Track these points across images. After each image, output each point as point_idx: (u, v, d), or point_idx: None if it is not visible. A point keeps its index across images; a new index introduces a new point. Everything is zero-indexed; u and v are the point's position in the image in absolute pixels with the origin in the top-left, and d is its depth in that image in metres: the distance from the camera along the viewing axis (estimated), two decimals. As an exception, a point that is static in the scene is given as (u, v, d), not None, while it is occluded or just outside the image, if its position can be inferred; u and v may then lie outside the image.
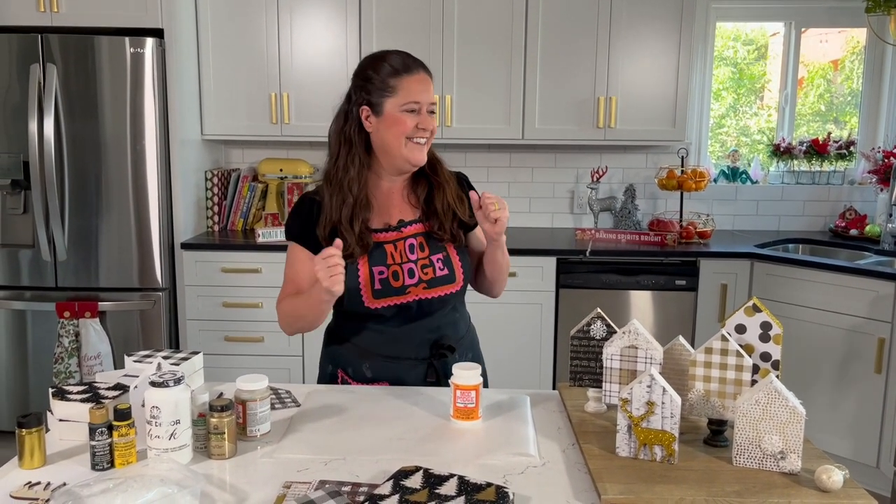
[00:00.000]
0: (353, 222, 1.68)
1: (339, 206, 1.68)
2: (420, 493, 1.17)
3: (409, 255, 1.72)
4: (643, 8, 3.52)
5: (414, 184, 1.79)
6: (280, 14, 3.54)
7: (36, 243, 3.27)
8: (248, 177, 3.89)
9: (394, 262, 1.71)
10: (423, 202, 1.77)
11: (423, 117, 1.69)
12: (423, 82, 1.70)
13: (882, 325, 3.02)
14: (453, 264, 1.75)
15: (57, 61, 3.18)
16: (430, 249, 1.74)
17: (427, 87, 1.70)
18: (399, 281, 1.70)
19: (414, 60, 1.72)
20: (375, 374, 1.75)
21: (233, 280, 3.41)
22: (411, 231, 1.75)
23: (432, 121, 1.71)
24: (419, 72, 1.70)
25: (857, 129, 4.06)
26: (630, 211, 3.89)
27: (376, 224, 1.74)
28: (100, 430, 1.27)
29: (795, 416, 1.25)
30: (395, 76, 1.68)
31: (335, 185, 1.70)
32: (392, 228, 1.74)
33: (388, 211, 1.76)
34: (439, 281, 1.72)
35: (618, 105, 3.59)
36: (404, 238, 1.74)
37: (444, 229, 1.74)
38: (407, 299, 1.70)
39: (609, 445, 1.35)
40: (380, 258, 1.70)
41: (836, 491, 1.20)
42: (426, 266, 1.72)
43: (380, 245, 1.72)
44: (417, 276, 1.71)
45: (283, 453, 1.37)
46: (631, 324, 1.43)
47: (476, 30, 3.54)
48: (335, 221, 1.68)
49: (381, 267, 1.70)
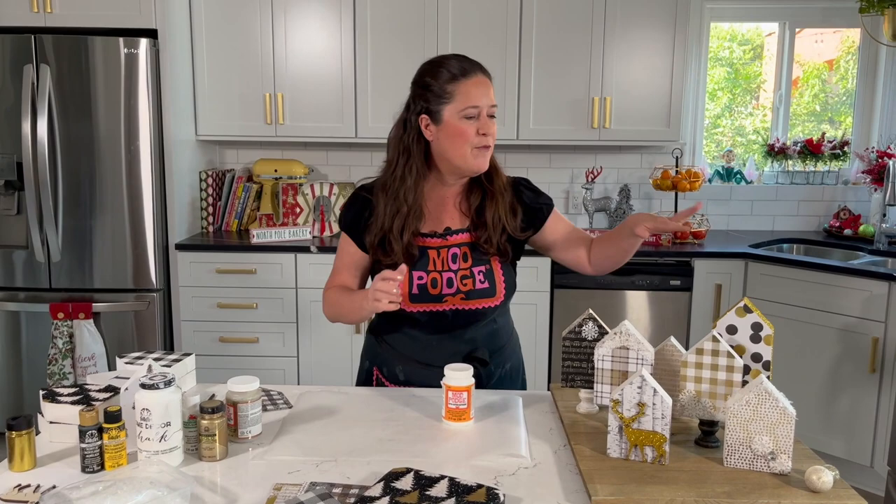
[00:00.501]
0: (403, 233, 1.67)
1: (391, 216, 1.68)
2: (411, 494, 1.17)
3: (451, 265, 1.71)
4: (638, 8, 3.52)
5: (468, 191, 1.77)
6: (274, 14, 3.53)
7: (30, 244, 3.27)
8: (242, 177, 3.89)
9: (434, 269, 1.70)
10: (475, 211, 1.75)
11: (483, 122, 1.66)
12: (480, 85, 1.67)
13: (876, 324, 3.02)
14: (495, 278, 1.72)
15: (51, 62, 3.18)
16: (473, 260, 1.72)
17: (486, 90, 1.67)
18: (437, 288, 1.69)
19: (472, 63, 1.69)
20: (407, 378, 1.76)
21: (227, 281, 3.41)
22: (456, 240, 1.73)
23: (492, 125, 1.68)
24: (477, 74, 1.68)
25: (851, 129, 4.07)
26: (625, 211, 3.89)
27: (424, 229, 1.73)
28: (90, 433, 1.27)
29: (786, 417, 1.25)
30: (452, 82, 1.66)
31: (391, 194, 1.69)
32: (438, 235, 1.73)
33: (438, 217, 1.75)
34: (478, 294, 1.70)
35: (612, 105, 3.59)
36: (448, 246, 1.72)
37: (491, 243, 1.71)
38: (443, 307, 1.70)
39: (600, 446, 1.35)
40: (422, 264, 1.70)
41: (827, 491, 1.20)
42: (466, 277, 1.71)
43: (424, 251, 1.71)
44: (456, 287, 1.70)
45: (274, 455, 1.37)
46: (622, 325, 1.43)
47: (470, 30, 3.54)
48: (386, 230, 1.68)
49: (422, 272, 1.69)
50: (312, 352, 3.46)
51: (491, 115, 1.68)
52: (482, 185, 1.75)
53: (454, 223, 1.75)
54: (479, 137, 1.66)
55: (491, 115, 1.68)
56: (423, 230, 1.72)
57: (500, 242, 1.72)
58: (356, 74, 3.56)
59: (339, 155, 4.00)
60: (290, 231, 3.57)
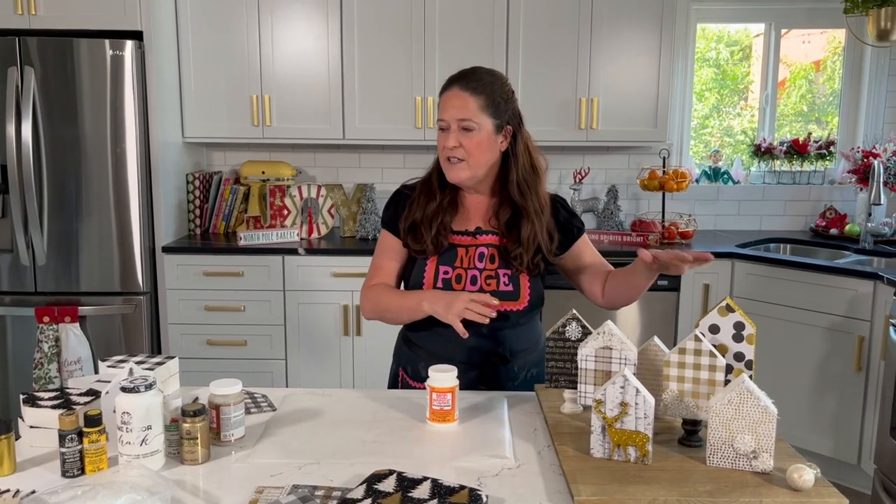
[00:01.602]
0: (432, 222, 1.72)
1: (424, 204, 1.75)
2: (393, 496, 1.17)
3: (478, 263, 1.74)
4: (624, 9, 3.53)
5: (498, 205, 1.78)
6: (261, 15, 3.52)
7: (15, 248, 3.24)
8: (229, 179, 3.87)
9: (460, 266, 1.73)
10: (505, 226, 1.75)
11: (448, 135, 1.68)
12: (451, 98, 1.69)
13: (862, 323, 3.04)
14: (520, 284, 1.74)
15: (35, 64, 3.15)
16: (500, 262, 1.74)
17: (456, 102, 1.68)
18: (460, 285, 1.72)
19: (456, 78, 1.71)
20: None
21: (215, 283, 3.39)
22: (485, 241, 1.76)
23: (461, 137, 1.67)
24: (452, 88, 1.70)
25: (837, 130, 4.09)
26: (612, 212, 3.90)
27: (457, 227, 1.77)
28: (69, 437, 1.26)
29: (767, 416, 1.25)
30: (440, 95, 1.74)
31: (426, 187, 1.78)
32: (468, 234, 1.76)
33: (472, 219, 1.79)
34: (501, 295, 1.71)
35: (599, 106, 3.59)
36: (476, 245, 1.75)
37: (522, 261, 1.71)
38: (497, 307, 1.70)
39: (584, 446, 1.35)
40: (449, 259, 1.74)
41: (808, 490, 1.20)
42: (490, 277, 1.73)
43: (453, 247, 1.75)
44: (479, 285, 1.72)
45: (256, 458, 1.36)
46: (605, 325, 1.43)
47: (458, 32, 3.53)
48: (416, 219, 1.74)
49: (448, 268, 1.73)
50: (300, 354, 3.45)
51: (464, 129, 1.67)
52: (513, 201, 1.75)
53: (485, 225, 1.78)
54: (444, 149, 1.70)
55: (464, 128, 1.67)
56: (456, 227, 1.77)
57: (530, 262, 1.72)
58: (343, 76, 3.55)
59: (326, 156, 3.99)
60: (277, 233, 3.55)
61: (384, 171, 3.99)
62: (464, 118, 1.67)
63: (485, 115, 1.68)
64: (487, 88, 1.69)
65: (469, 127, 1.67)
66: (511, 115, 1.74)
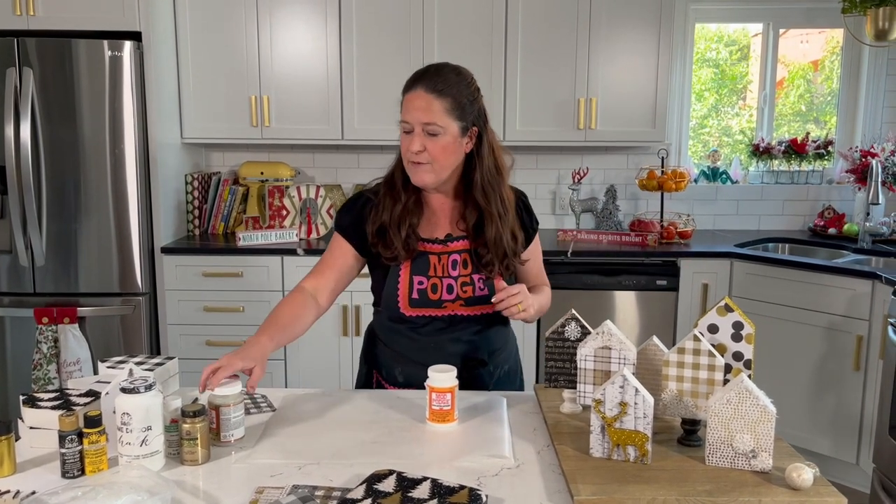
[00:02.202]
0: (400, 225, 1.68)
1: (390, 207, 1.70)
2: (393, 496, 1.17)
3: (451, 271, 1.71)
4: (623, 9, 3.53)
5: (464, 207, 1.74)
6: (259, 16, 3.52)
7: (13, 249, 3.24)
8: (228, 180, 3.87)
9: (435, 275, 1.70)
10: (472, 228, 1.72)
11: (412, 138, 1.62)
12: (416, 100, 1.61)
13: (860, 322, 3.04)
14: (495, 287, 1.70)
15: (34, 65, 3.15)
16: (472, 267, 1.72)
17: (420, 104, 1.60)
18: (437, 294, 1.70)
19: (420, 77, 1.64)
20: (407, 380, 1.76)
21: (214, 284, 3.39)
22: (457, 247, 1.73)
23: (426, 141, 1.61)
24: (416, 89, 1.62)
25: (835, 129, 4.09)
26: (611, 211, 3.91)
27: (426, 234, 1.73)
28: (69, 438, 1.26)
29: (766, 415, 1.25)
30: (403, 94, 1.67)
31: (389, 188, 1.73)
32: (439, 241, 1.73)
33: (440, 223, 1.75)
34: (478, 300, 1.71)
35: (598, 106, 3.60)
36: (448, 253, 1.72)
37: (493, 263, 1.69)
38: (442, 313, 1.70)
39: (583, 446, 1.35)
40: (422, 268, 1.70)
41: (807, 489, 1.20)
42: (466, 284, 1.71)
43: (424, 255, 1.71)
44: (456, 293, 1.70)
45: (256, 458, 1.36)
46: (604, 325, 1.44)
47: (456, 32, 3.54)
48: (384, 222, 1.69)
49: (422, 277, 1.70)
50: (300, 355, 3.45)
51: (430, 133, 1.61)
52: (478, 203, 1.71)
53: (455, 231, 1.75)
54: (408, 152, 1.64)
55: (429, 132, 1.61)
56: (425, 235, 1.72)
57: (501, 265, 1.70)
58: (342, 76, 3.55)
59: (325, 157, 3.99)
60: (276, 234, 3.55)
61: (383, 171, 3.98)
62: (429, 122, 1.60)
63: (450, 119, 1.62)
64: (454, 90, 1.63)
65: (434, 132, 1.61)
66: (477, 115, 1.68)
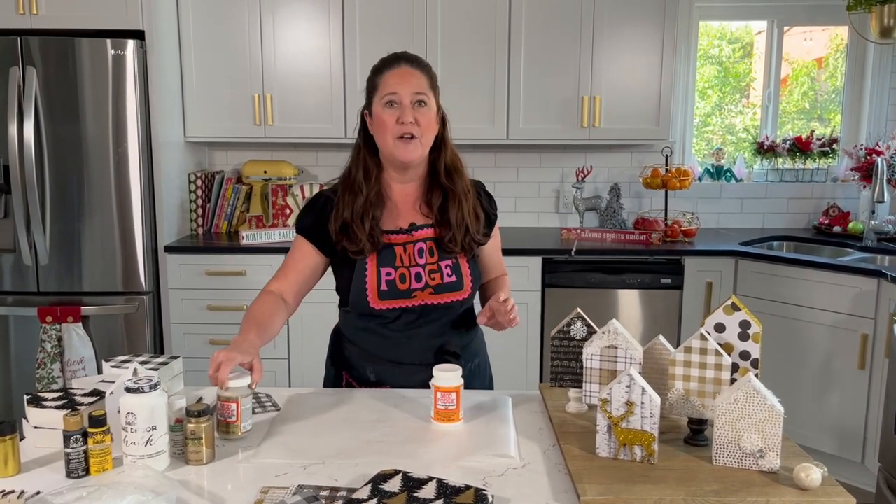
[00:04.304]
0: (363, 219, 1.68)
1: (350, 203, 1.70)
2: (399, 496, 1.17)
3: (418, 259, 1.71)
4: (626, 7, 3.52)
5: (428, 192, 1.76)
6: (262, 14, 3.52)
7: (17, 247, 3.24)
8: (231, 179, 3.87)
9: (402, 265, 1.70)
10: (437, 211, 1.74)
11: (404, 109, 1.64)
12: (402, 74, 1.66)
13: (865, 321, 3.03)
14: (462, 272, 1.73)
15: (37, 64, 3.15)
16: (439, 255, 1.72)
17: (408, 78, 1.66)
18: (406, 284, 1.69)
19: (399, 56, 1.70)
20: (379, 378, 1.75)
21: (217, 283, 3.39)
22: (421, 235, 1.73)
23: (420, 114, 1.65)
24: (400, 65, 1.68)
25: (840, 127, 4.08)
26: (615, 210, 3.89)
27: (389, 226, 1.73)
28: (74, 437, 1.26)
29: (774, 415, 1.25)
30: (378, 74, 1.70)
31: (348, 185, 1.73)
32: (403, 231, 1.73)
33: (403, 214, 1.75)
34: (446, 287, 1.70)
35: (602, 104, 3.59)
36: (414, 242, 1.72)
37: (456, 242, 1.71)
38: (412, 303, 1.70)
39: (589, 446, 1.35)
40: (389, 259, 1.70)
41: (815, 489, 1.20)
42: (434, 272, 1.70)
43: (390, 247, 1.71)
44: (424, 281, 1.70)
45: (261, 458, 1.36)
46: (610, 324, 1.43)
47: (460, 30, 3.53)
48: (346, 218, 1.69)
49: (389, 269, 1.69)
50: (303, 354, 3.45)
51: (420, 103, 1.65)
52: (443, 185, 1.75)
53: (418, 219, 1.75)
54: (398, 126, 1.64)
55: (418, 101, 1.65)
56: (389, 227, 1.73)
57: (464, 242, 1.73)
58: (345, 74, 3.55)
59: (328, 155, 3.99)
60: (279, 232, 3.55)
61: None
62: (419, 91, 1.66)
63: (432, 94, 1.69)
64: (429, 70, 1.72)
65: (423, 101, 1.66)
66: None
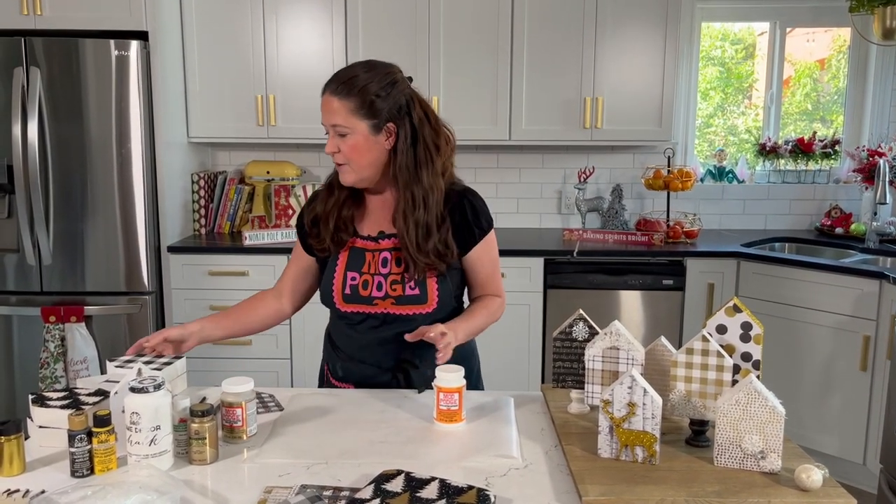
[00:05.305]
0: (329, 217, 1.72)
1: (325, 199, 1.75)
2: (401, 496, 1.17)
3: (381, 269, 1.71)
4: (629, 9, 3.53)
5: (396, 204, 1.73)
6: (266, 15, 3.53)
7: (21, 248, 3.25)
8: (234, 179, 3.88)
9: (367, 272, 1.71)
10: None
11: (329, 139, 1.65)
12: (324, 104, 1.64)
13: (867, 322, 3.03)
14: (427, 287, 1.68)
15: (41, 64, 3.16)
16: (406, 266, 1.69)
17: (327, 108, 1.63)
18: (367, 291, 1.70)
19: (330, 80, 1.65)
20: (345, 374, 1.79)
21: (220, 283, 3.40)
22: (387, 245, 1.72)
23: (338, 142, 1.63)
24: (325, 93, 1.65)
25: (842, 128, 4.08)
26: (617, 211, 3.90)
27: (364, 231, 1.75)
28: (79, 437, 1.27)
29: (775, 416, 1.25)
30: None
31: (328, 184, 1.78)
32: (370, 238, 1.74)
33: (375, 221, 1.76)
34: (408, 300, 1.69)
35: (604, 105, 3.59)
36: (379, 250, 1.72)
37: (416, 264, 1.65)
38: (374, 310, 1.70)
39: (591, 446, 1.35)
40: (357, 264, 1.72)
41: (816, 490, 1.20)
42: (396, 283, 1.69)
43: (362, 251, 1.73)
44: (385, 291, 1.69)
45: (264, 458, 1.37)
46: (612, 325, 1.43)
47: (462, 31, 3.54)
48: (318, 213, 1.74)
49: (355, 273, 1.72)
50: (306, 354, 3.45)
51: (340, 134, 1.63)
52: None
53: (387, 228, 1.74)
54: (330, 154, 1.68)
55: (339, 133, 1.63)
56: (364, 232, 1.75)
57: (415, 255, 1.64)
58: (348, 76, 3.55)
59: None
60: (282, 233, 3.56)
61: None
62: (335, 124, 1.63)
63: (357, 118, 1.61)
64: (358, 89, 1.61)
65: (342, 132, 1.63)
66: (393, 110, 1.64)
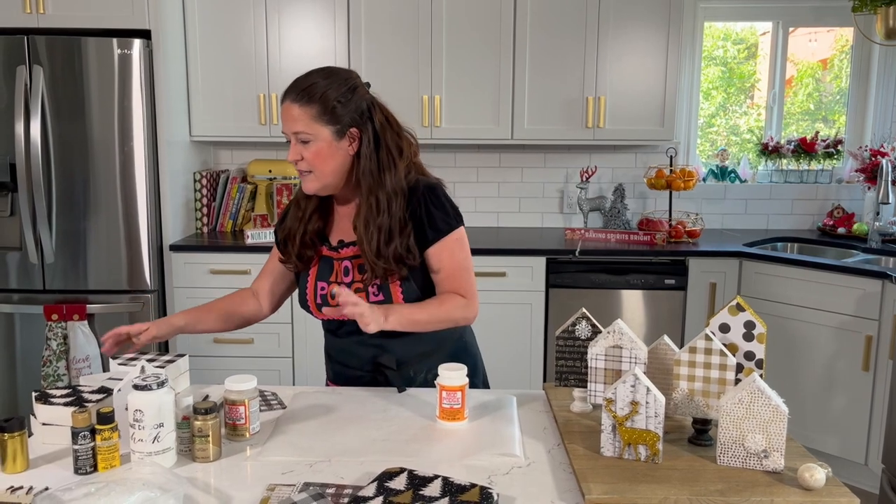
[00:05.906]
0: (296, 234, 1.73)
1: (293, 215, 1.76)
2: (404, 494, 1.17)
3: (344, 278, 1.71)
4: (631, 8, 3.53)
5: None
6: (268, 14, 3.53)
7: (23, 246, 3.26)
8: (236, 178, 3.88)
9: (334, 281, 1.72)
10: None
11: (291, 147, 1.63)
12: (284, 111, 1.63)
13: (870, 322, 3.03)
14: (391, 292, 1.66)
15: (44, 63, 3.16)
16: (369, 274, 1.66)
17: (287, 115, 1.61)
18: (334, 301, 1.65)
19: (290, 88, 1.63)
20: (334, 376, 1.82)
21: (222, 282, 3.40)
22: (347, 253, 1.71)
23: (301, 149, 1.61)
24: (285, 100, 1.63)
25: (844, 128, 4.08)
26: (619, 210, 3.90)
27: (334, 240, 1.75)
28: (82, 434, 1.27)
29: (778, 415, 1.25)
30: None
31: (295, 199, 1.78)
32: (333, 248, 1.74)
33: (340, 230, 1.75)
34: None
35: (606, 105, 3.59)
36: (340, 259, 1.72)
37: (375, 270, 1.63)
38: (344, 317, 1.62)
39: (594, 445, 1.35)
40: (325, 273, 1.73)
41: (819, 489, 1.20)
42: (359, 290, 1.67)
43: (330, 260, 1.74)
44: None
45: (267, 455, 1.37)
46: (615, 324, 1.43)
47: (465, 30, 3.54)
48: (287, 228, 1.75)
49: (324, 283, 1.73)
50: (307, 352, 3.46)
51: (302, 141, 1.61)
52: None
53: (347, 237, 1.72)
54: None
55: (301, 140, 1.61)
56: (333, 242, 1.75)
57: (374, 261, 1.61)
58: (350, 74, 3.55)
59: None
60: (284, 231, 3.56)
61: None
62: (297, 131, 1.60)
63: (319, 125, 1.60)
64: (319, 95, 1.60)
65: (304, 139, 1.61)
66: (354, 115, 1.62)
